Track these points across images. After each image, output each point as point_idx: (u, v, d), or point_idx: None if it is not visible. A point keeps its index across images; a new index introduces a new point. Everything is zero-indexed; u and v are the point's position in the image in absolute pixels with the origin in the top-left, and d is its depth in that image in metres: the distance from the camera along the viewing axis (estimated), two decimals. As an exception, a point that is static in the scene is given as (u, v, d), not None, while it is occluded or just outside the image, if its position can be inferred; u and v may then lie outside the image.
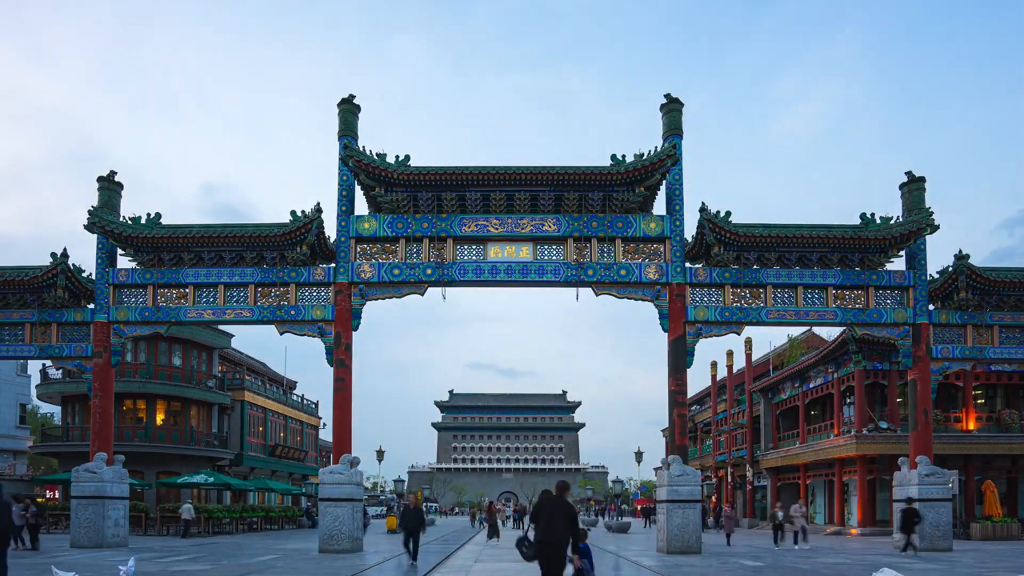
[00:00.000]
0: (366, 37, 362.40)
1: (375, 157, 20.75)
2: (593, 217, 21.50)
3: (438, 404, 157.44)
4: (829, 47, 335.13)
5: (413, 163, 20.87)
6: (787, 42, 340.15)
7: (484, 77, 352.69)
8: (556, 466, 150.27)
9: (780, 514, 25.13)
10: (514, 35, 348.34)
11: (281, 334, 21.88)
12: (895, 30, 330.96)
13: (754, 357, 48.93)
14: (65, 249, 22.29)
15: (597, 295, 21.70)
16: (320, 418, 55.76)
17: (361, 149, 21.15)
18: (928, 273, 22.11)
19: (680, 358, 21.23)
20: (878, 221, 21.57)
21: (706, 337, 21.62)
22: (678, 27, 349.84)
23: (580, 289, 21.88)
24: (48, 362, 33.15)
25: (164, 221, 22.00)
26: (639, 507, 66.62)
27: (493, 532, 29.25)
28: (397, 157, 20.80)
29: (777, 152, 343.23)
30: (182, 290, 21.97)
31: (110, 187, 22.56)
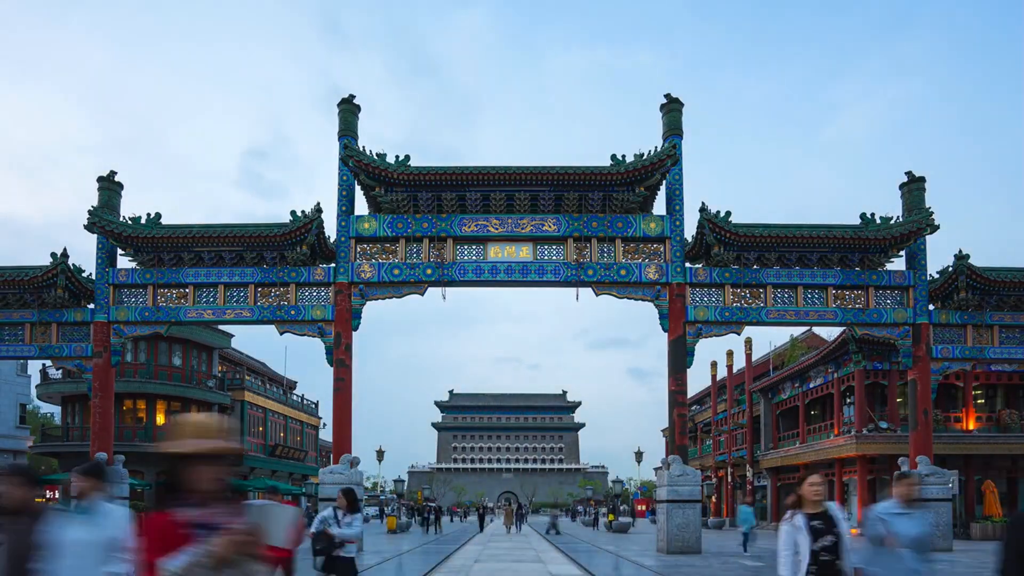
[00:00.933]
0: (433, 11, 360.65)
1: (375, 157, 20.75)
2: (593, 217, 21.49)
3: (438, 404, 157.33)
4: (890, 53, 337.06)
5: (482, 147, 20.95)
6: (848, 47, 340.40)
7: (548, 54, 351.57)
8: (556, 466, 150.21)
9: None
10: (583, 9, 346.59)
11: (281, 334, 21.88)
12: (963, 32, 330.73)
13: (754, 357, 48.89)
14: (65, 249, 22.29)
15: (597, 295, 21.70)
16: (320, 418, 55.74)
17: (361, 149, 21.16)
18: (928, 273, 22.11)
19: (680, 358, 21.22)
20: (878, 221, 21.58)
21: (706, 337, 21.63)
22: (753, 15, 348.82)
23: (580, 289, 21.89)
24: (48, 362, 33.15)
25: (203, 196, 22.01)
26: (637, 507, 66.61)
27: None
28: (397, 157, 20.80)
29: (827, 153, 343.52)
30: (182, 290, 21.96)
31: (110, 187, 22.55)
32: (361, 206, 22.31)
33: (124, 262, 22.51)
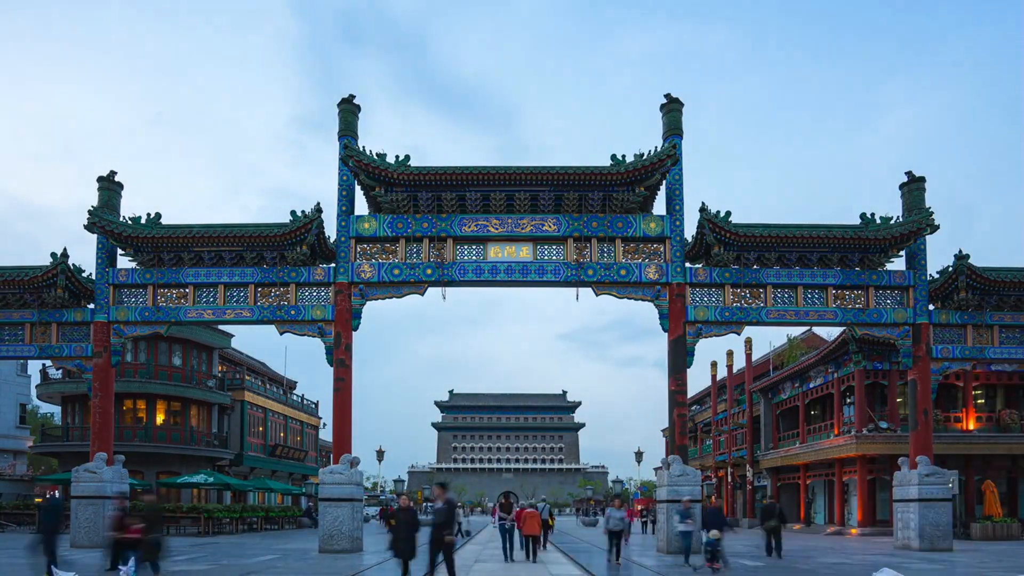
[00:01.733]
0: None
1: (375, 157, 20.75)
2: (593, 217, 21.50)
3: (438, 404, 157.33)
4: (941, 53, 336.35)
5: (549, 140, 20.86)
6: (918, 40, 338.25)
7: (615, 31, 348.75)
8: (556, 466, 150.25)
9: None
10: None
11: (281, 334, 21.89)
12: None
13: (754, 357, 48.91)
14: (65, 249, 22.30)
15: (597, 295, 21.71)
16: (320, 418, 55.77)
17: (361, 149, 21.16)
18: (928, 273, 22.12)
19: (680, 358, 21.22)
20: (878, 221, 21.58)
21: (706, 337, 21.63)
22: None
23: (580, 289, 21.89)
24: (48, 362, 33.17)
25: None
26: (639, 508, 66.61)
27: None
28: (397, 157, 20.81)
29: (872, 152, 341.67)
30: (182, 290, 21.97)
31: (110, 187, 22.56)
32: (361, 206, 22.35)
33: (124, 262, 22.54)
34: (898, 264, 22.27)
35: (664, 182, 21.46)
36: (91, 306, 22.30)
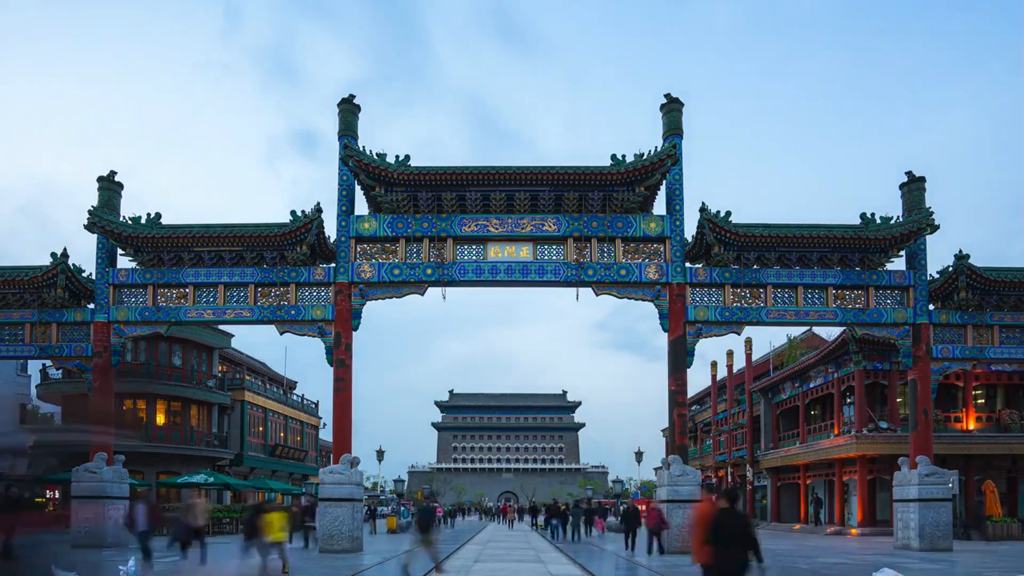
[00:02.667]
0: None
1: (375, 157, 20.76)
2: (593, 217, 21.51)
3: (438, 404, 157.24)
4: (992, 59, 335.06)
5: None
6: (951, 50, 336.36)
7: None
8: (556, 466, 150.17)
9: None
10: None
11: (281, 334, 21.90)
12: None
13: (754, 357, 48.89)
14: (65, 249, 22.32)
15: (597, 295, 21.71)
16: (320, 418, 55.74)
17: (361, 149, 21.16)
18: (928, 273, 22.12)
19: (680, 358, 21.23)
20: (878, 221, 21.59)
21: (706, 337, 21.64)
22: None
23: (580, 289, 21.89)
24: (48, 362, 33.15)
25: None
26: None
27: None
28: (397, 157, 20.82)
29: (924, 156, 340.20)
30: (182, 290, 21.98)
31: (110, 187, 22.58)
32: (361, 206, 22.37)
33: (124, 262, 22.55)
34: (898, 264, 22.29)
35: (664, 182, 21.48)
36: (91, 306, 22.31)
